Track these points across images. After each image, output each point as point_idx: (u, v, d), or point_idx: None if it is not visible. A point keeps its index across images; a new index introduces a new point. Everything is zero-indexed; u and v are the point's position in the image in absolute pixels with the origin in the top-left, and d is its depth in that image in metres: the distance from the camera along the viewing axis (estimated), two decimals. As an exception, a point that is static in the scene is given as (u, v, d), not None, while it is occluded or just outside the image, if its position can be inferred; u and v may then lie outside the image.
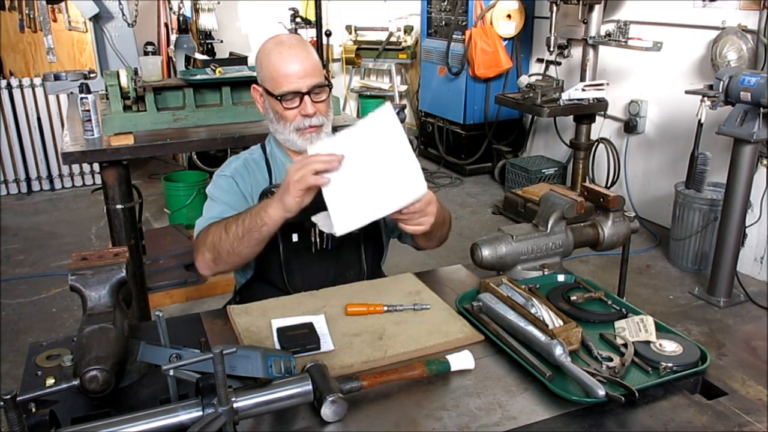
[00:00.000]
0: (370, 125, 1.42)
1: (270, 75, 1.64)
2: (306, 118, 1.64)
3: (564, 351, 1.20)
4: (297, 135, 1.67)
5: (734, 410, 1.14)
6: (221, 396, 0.98)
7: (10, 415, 0.87)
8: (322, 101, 1.67)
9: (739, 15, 3.73)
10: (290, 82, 1.62)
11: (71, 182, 5.62)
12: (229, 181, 1.72)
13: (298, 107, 1.64)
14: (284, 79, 1.62)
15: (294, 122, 1.65)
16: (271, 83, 1.64)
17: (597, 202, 1.84)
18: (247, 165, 1.75)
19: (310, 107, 1.64)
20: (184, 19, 5.16)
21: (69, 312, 3.45)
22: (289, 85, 1.62)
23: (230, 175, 1.73)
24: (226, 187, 1.71)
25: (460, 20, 5.49)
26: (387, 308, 1.47)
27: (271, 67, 1.64)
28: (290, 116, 1.65)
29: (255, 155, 1.79)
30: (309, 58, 1.64)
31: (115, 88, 2.50)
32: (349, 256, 1.77)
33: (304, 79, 1.62)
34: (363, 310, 1.47)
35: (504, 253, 1.69)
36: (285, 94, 1.62)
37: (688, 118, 3.76)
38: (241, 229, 1.49)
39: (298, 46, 1.65)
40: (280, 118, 1.67)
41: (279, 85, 1.63)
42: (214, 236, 1.54)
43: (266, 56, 1.65)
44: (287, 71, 1.62)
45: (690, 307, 3.49)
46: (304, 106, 1.63)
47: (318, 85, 1.64)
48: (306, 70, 1.62)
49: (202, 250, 1.57)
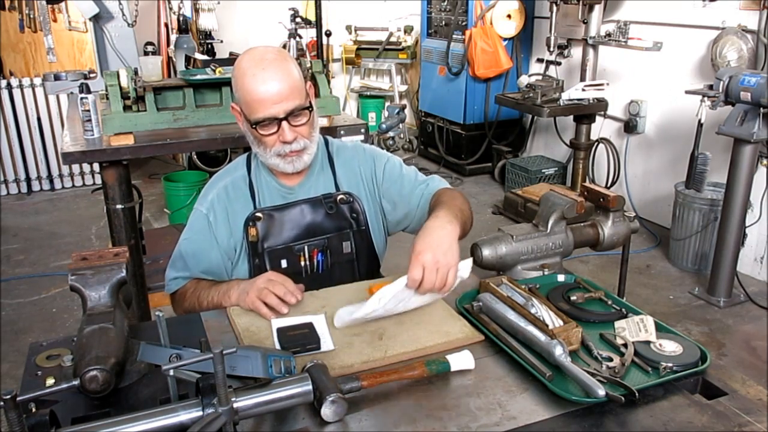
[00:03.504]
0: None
1: (244, 99, 1.53)
2: (286, 144, 1.55)
3: (564, 351, 1.20)
4: (279, 159, 1.58)
5: (734, 410, 1.14)
6: (221, 396, 0.98)
7: (10, 415, 0.87)
8: (302, 124, 1.55)
9: (739, 15, 3.73)
10: (265, 108, 1.50)
11: (71, 182, 5.62)
12: (202, 222, 1.67)
13: (276, 133, 1.53)
14: (259, 104, 1.50)
15: (274, 147, 1.56)
16: (246, 108, 1.53)
17: (597, 202, 1.84)
18: (227, 192, 1.68)
19: (289, 133, 1.53)
20: (184, 19, 5.16)
21: (69, 312, 3.46)
22: (264, 111, 1.50)
23: (205, 212, 1.66)
24: (197, 227, 1.67)
25: (460, 20, 5.49)
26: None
27: (245, 91, 1.51)
28: (269, 142, 1.55)
29: (237, 176, 1.70)
30: (286, 78, 1.50)
31: (115, 88, 2.50)
32: (342, 274, 1.74)
33: (281, 103, 1.50)
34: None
35: (504, 253, 1.68)
36: (260, 121, 1.51)
37: (688, 118, 3.76)
38: (212, 305, 1.58)
39: (275, 65, 1.50)
40: (259, 143, 1.58)
41: (254, 110, 1.51)
42: (189, 304, 1.63)
43: (241, 77, 1.52)
44: (262, 96, 1.49)
45: (690, 307, 3.49)
46: (282, 133, 1.53)
47: (297, 109, 1.52)
48: (282, 93, 1.49)
49: (179, 311, 1.69)
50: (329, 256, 1.72)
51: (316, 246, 1.71)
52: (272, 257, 1.68)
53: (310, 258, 1.70)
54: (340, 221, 1.73)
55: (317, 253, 1.71)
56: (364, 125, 2.78)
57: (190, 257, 1.67)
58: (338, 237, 1.73)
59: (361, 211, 1.74)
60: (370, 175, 1.77)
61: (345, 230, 1.73)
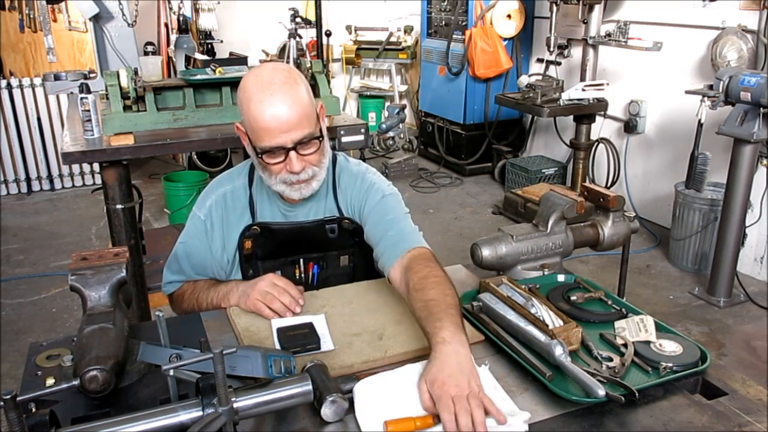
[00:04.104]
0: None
1: (250, 125, 1.43)
2: (292, 174, 1.46)
3: (564, 351, 1.20)
4: (285, 186, 1.49)
5: (734, 410, 1.14)
6: (221, 396, 0.98)
7: (10, 415, 0.87)
8: (311, 153, 1.46)
9: (739, 15, 3.73)
10: (272, 137, 1.40)
11: (71, 182, 5.62)
12: (199, 228, 1.63)
13: (283, 162, 1.44)
14: (265, 133, 1.40)
15: (280, 175, 1.47)
16: (252, 135, 1.44)
17: (597, 202, 1.84)
18: (226, 200, 1.62)
19: (297, 164, 1.43)
20: (184, 19, 5.17)
21: (69, 312, 3.45)
22: (271, 140, 1.41)
23: (203, 218, 1.62)
24: (194, 232, 1.63)
25: (460, 20, 5.49)
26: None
27: (250, 117, 1.41)
28: (275, 170, 1.46)
29: (238, 185, 1.63)
30: (295, 104, 1.40)
31: (115, 88, 2.50)
32: (338, 285, 1.69)
33: (289, 132, 1.40)
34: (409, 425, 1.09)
35: (504, 253, 1.68)
36: (267, 150, 1.43)
37: (688, 118, 3.75)
38: (212, 306, 1.58)
39: (284, 90, 1.40)
40: (264, 169, 1.49)
41: (260, 138, 1.42)
42: (188, 305, 1.64)
43: (247, 101, 1.42)
44: (268, 124, 1.39)
45: (690, 307, 3.49)
46: (290, 162, 1.43)
47: (306, 138, 1.43)
48: (291, 122, 1.39)
49: (178, 311, 1.70)
50: (325, 268, 1.69)
51: (313, 259, 1.68)
52: (266, 269, 1.63)
53: (305, 270, 1.68)
54: (342, 242, 1.68)
55: (313, 266, 1.68)
56: (364, 125, 2.78)
57: (186, 260, 1.65)
58: (337, 253, 1.69)
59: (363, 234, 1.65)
60: (359, 207, 1.66)
61: (347, 249, 1.69)
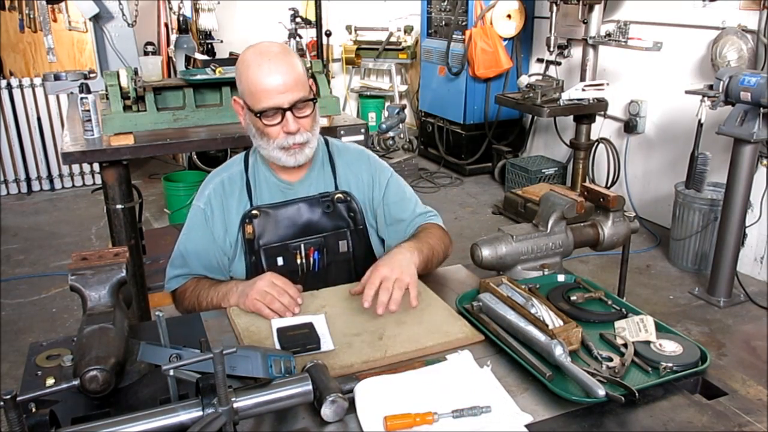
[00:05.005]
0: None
1: (249, 90, 1.54)
2: (289, 135, 1.56)
3: (564, 351, 1.20)
4: (281, 152, 1.59)
5: (734, 410, 1.14)
6: (221, 396, 0.98)
7: (10, 415, 0.87)
8: (305, 116, 1.57)
9: (739, 15, 3.73)
10: (270, 98, 1.51)
11: (71, 182, 5.62)
12: (199, 217, 1.68)
13: (279, 123, 1.55)
14: (264, 94, 1.51)
15: (277, 140, 1.57)
16: (251, 98, 1.55)
17: (597, 202, 1.84)
18: (224, 186, 1.69)
19: (293, 124, 1.54)
20: (184, 19, 5.16)
21: (69, 312, 3.46)
22: (269, 101, 1.52)
23: (203, 207, 1.68)
24: (195, 224, 1.69)
25: (460, 20, 5.49)
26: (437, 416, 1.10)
27: (249, 81, 1.53)
28: (272, 133, 1.56)
29: (234, 172, 1.71)
30: (291, 70, 1.52)
31: (115, 88, 2.50)
32: (339, 273, 1.73)
33: (285, 93, 1.51)
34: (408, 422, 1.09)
35: (504, 253, 1.68)
36: (265, 111, 1.53)
37: (688, 118, 3.76)
38: (212, 306, 1.59)
39: (280, 57, 1.53)
40: (262, 134, 1.58)
41: (258, 100, 1.53)
42: (189, 303, 1.65)
43: (245, 69, 1.54)
44: (267, 86, 1.51)
45: (690, 307, 3.49)
46: (286, 123, 1.54)
47: (301, 100, 1.54)
48: (287, 84, 1.51)
49: (180, 309, 1.71)
50: (326, 254, 1.72)
51: (313, 244, 1.71)
52: (268, 255, 1.68)
53: (306, 256, 1.70)
54: (337, 220, 1.73)
55: (314, 252, 1.71)
56: (364, 125, 2.78)
57: (189, 255, 1.68)
58: (335, 236, 1.73)
59: (359, 211, 1.75)
60: (369, 183, 1.76)
61: (342, 229, 1.73)
